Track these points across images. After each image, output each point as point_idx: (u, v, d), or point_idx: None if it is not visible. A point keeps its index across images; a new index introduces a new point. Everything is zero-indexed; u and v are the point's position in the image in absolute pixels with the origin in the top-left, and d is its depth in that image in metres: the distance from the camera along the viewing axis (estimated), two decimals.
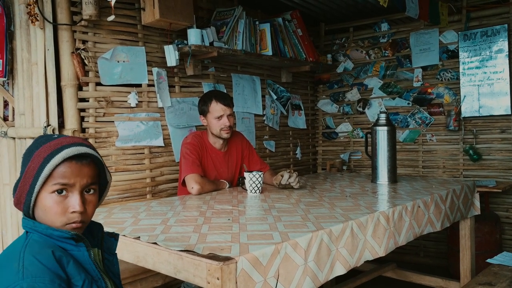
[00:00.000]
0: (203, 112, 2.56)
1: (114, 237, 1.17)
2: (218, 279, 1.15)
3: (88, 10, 2.36)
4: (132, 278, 2.51)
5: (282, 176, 2.41)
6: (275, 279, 1.30)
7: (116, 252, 1.16)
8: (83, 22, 2.45)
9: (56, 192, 0.98)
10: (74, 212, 0.99)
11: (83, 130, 2.50)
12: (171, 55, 2.77)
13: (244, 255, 1.21)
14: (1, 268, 0.93)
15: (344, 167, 4.25)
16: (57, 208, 0.99)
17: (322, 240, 1.48)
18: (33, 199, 0.99)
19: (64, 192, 0.99)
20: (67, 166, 0.99)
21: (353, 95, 4.27)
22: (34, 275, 0.88)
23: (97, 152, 1.06)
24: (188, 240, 1.40)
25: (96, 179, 1.05)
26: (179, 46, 2.82)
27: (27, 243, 0.97)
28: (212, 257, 1.20)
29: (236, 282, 1.18)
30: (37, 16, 2.30)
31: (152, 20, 2.63)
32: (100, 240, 1.12)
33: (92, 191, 1.04)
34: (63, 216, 0.99)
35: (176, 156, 2.92)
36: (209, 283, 1.17)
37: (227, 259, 1.18)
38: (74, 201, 1.00)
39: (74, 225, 1.00)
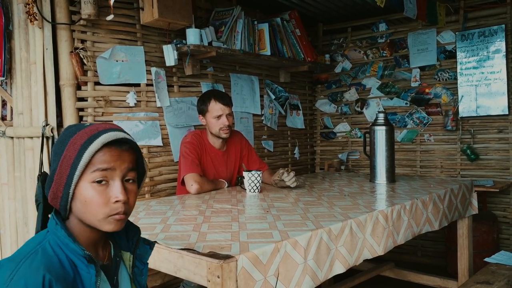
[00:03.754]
0: (202, 111, 2.57)
1: (150, 245, 1.10)
2: (218, 277, 1.15)
3: (87, 9, 2.36)
4: None
5: (280, 174, 2.41)
6: (275, 278, 1.30)
7: (148, 262, 1.09)
8: (82, 22, 2.45)
9: (96, 183, 0.91)
10: (117, 201, 0.92)
11: None
12: (170, 55, 2.77)
13: (244, 254, 1.22)
14: (2, 264, 0.87)
15: (342, 167, 4.25)
16: (99, 199, 0.91)
17: (322, 239, 1.49)
18: (71, 191, 0.92)
19: (104, 182, 0.92)
20: (106, 151, 0.92)
21: (351, 95, 4.28)
22: None
23: (133, 139, 1.00)
24: (188, 238, 1.40)
25: (135, 165, 0.98)
26: (178, 45, 2.82)
27: (34, 251, 0.89)
28: (213, 255, 1.21)
29: (237, 281, 1.18)
30: (36, 16, 2.30)
31: (151, 19, 2.63)
32: (135, 245, 1.06)
33: (131, 180, 0.96)
34: (106, 207, 0.92)
35: (175, 156, 2.92)
36: (209, 281, 1.18)
37: (227, 257, 1.18)
38: (116, 189, 0.92)
39: (117, 216, 0.93)
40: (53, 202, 0.95)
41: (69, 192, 0.91)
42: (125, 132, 0.97)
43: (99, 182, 0.91)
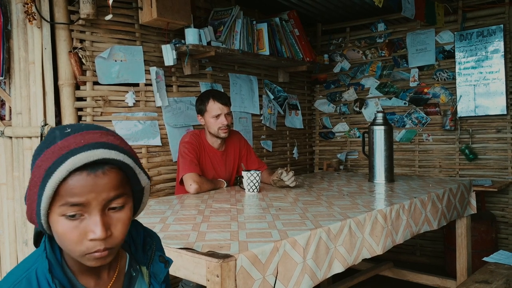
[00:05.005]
0: (201, 111, 2.57)
1: (165, 263, 0.94)
2: (217, 276, 1.15)
3: (85, 9, 2.36)
4: None
5: (278, 173, 2.42)
6: (274, 277, 1.30)
7: (164, 283, 0.94)
8: (80, 21, 2.44)
9: (67, 217, 0.75)
10: (93, 239, 0.75)
11: None
12: (169, 55, 2.77)
13: (243, 253, 1.22)
14: None
15: (341, 167, 4.26)
16: (71, 235, 0.75)
17: (321, 238, 1.49)
18: (43, 222, 0.77)
19: (79, 215, 0.75)
20: (76, 180, 0.73)
21: (350, 95, 4.29)
22: None
23: (125, 150, 0.79)
24: (187, 238, 1.40)
25: (124, 189, 0.79)
26: (177, 45, 2.82)
27: (19, 281, 0.78)
28: (212, 254, 1.21)
29: (235, 280, 1.18)
30: (35, 15, 2.30)
31: (149, 19, 2.63)
32: (149, 261, 0.93)
33: (119, 207, 0.78)
34: (81, 245, 0.75)
35: (174, 156, 2.92)
36: (208, 280, 1.18)
37: (226, 256, 1.18)
38: (92, 225, 0.75)
39: (97, 254, 0.76)
40: (35, 225, 0.81)
41: (41, 222, 0.78)
42: (110, 145, 0.77)
43: (71, 216, 0.75)
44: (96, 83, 2.55)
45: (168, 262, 0.95)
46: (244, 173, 2.31)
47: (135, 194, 0.85)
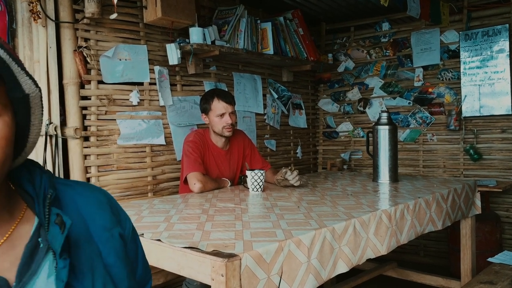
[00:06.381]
0: (205, 110, 2.57)
1: (61, 226, 0.61)
2: (222, 275, 1.15)
3: (90, 8, 2.36)
4: None
5: (283, 173, 2.41)
6: (278, 276, 1.30)
7: (67, 257, 0.60)
8: (85, 20, 2.45)
9: None
10: None
11: (85, 128, 2.51)
12: (173, 54, 2.78)
13: (248, 252, 1.22)
14: None
15: (345, 166, 4.25)
16: None
17: (325, 238, 1.49)
18: None
19: None
20: None
21: (354, 94, 4.28)
22: None
23: None
24: (192, 237, 1.40)
25: None
26: (181, 44, 2.82)
27: None
28: (217, 254, 1.21)
29: (240, 279, 1.18)
30: (39, 14, 2.31)
31: (154, 18, 2.63)
32: (47, 219, 0.62)
33: None
34: None
35: (178, 155, 2.92)
36: (213, 279, 1.18)
37: (231, 256, 1.18)
38: None
39: None
40: None
41: None
42: None
43: None
44: (100, 82, 2.55)
45: (64, 224, 0.60)
46: (248, 173, 2.31)
47: (17, 106, 0.60)
